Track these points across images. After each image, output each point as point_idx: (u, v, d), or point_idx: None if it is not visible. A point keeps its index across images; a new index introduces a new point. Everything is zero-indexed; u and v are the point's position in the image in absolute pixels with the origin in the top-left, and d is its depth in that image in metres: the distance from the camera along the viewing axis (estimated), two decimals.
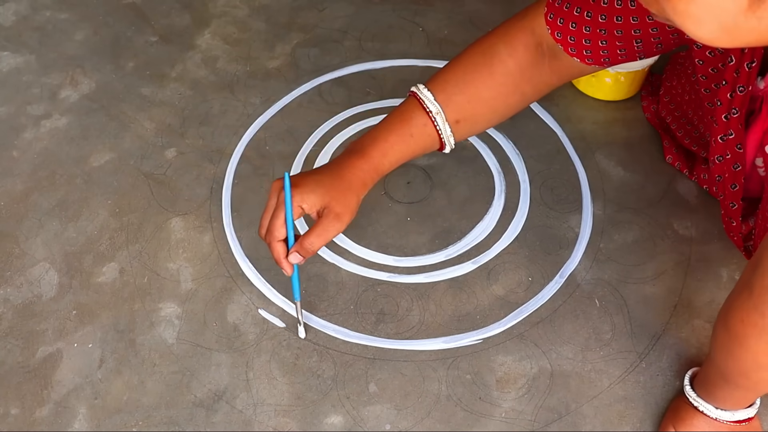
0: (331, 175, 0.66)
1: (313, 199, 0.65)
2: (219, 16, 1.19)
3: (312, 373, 0.78)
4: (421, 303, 0.83)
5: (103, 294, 0.84)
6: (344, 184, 0.66)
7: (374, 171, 0.68)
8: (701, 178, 0.91)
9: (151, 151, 0.99)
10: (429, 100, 0.69)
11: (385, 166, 0.69)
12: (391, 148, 0.69)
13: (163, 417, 0.75)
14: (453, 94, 0.69)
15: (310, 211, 0.66)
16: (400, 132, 0.69)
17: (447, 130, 0.69)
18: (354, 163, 0.67)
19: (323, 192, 0.65)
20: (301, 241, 0.66)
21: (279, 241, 0.66)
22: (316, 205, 0.65)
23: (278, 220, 0.65)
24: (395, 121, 0.70)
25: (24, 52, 1.14)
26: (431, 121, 0.69)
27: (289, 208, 0.64)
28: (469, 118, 0.70)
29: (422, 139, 0.70)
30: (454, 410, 0.75)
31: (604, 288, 0.84)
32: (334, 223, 0.65)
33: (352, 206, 0.66)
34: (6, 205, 0.94)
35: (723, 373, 0.63)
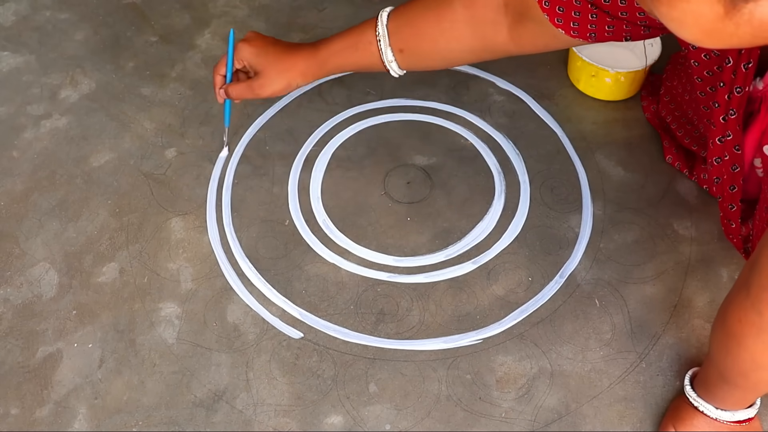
0: (279, 52, 0.77)
1: (250, 60, 0.77)
2: (219, 16, 1.19)
3: (312, 373, 0.78)
4: (421, 303, 0.83)
5: (103, 294, 0.84)
6: (283, 66, 0.76)
7: (317, 66, 0.77)
8: (701, 178, 0.91)
9: (151, 151, 0.99)
10: (382, 23, 0.75)
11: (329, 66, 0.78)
12: (337, 54, 0.77)
13: (163, 417, 0.75)
14: (402, 25, 0.74)
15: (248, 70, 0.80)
16: (348, 42, 0.77)
17: (389, 55, 0.75)
18: (302, 53, 0.77)
19: (262, 61, 0.76)
20: (228, 85, 0.81)
21: (220, 74, 0.82)
22: (252, 68, 0.78)
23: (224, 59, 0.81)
24: (351, 32, 0.77)
25: (24, 52, 1.14)
26: (376, 41, 0.75)
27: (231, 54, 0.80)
28: (413, 51, 0.75)
29: (365, 55, 0.76)
30: (454, 410, 0.75)
31: (604, 288, 0.84)
32: (254, 89, 0.77)
33: (276, 86, 0.77)
34: (6, 205, 0.94)
35: (722, 373, 0.63)
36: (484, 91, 1.06)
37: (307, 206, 0.93)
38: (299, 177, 0.96)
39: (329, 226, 0.90)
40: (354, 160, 0.98)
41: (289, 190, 0.94)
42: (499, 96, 1.05)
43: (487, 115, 1.03)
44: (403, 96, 1.05)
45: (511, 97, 1.05)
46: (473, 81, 1.07)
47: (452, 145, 0.99)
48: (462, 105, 1.04)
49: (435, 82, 1.07)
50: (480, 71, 1.08)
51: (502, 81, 1.07)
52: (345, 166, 0.97)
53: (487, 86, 1.07)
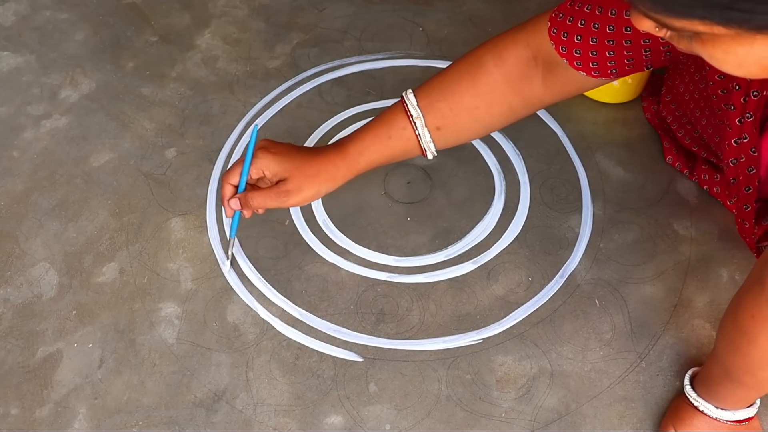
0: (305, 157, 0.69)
1: (276, 170, 0.68)
2: (219, 16, 1.19)
3: (312, 373, 0.78)
4: (421, 303, 0.83)
5: (103, 294, 0.84)
6: (311, 171, 0.69)
7: (347, 168, 0.70)
8: (701, 178, 0.91)
9: (151, 151, 0.99)
10: (411, 104, 0.70)
11: (360, 164, 0.71)
12: (368, 148, 0.70)
13: (163, 417, 0.75)
14: (436, 101, 0.70)
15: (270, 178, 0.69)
16: (379, 133, 0.71)
17: (426, 136, 0.70)
18: (329, 156, 0.70)
19: (288, 167, 0.68)
20: (245, 193, 0.70)
21: (230, 184, 0.71)
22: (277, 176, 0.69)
23: (238, 168, 0.70)
24: (378, 123, 0.72)
25: (24, 52, 1.14)
26: (411, 125, 0.70)
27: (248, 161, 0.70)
28: (451, 126, 0.71)
29: (401, 142, 0.71)
30: (454, 410, 0.75)
31: (604, 288, 0.84)
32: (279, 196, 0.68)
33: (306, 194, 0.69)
34: (6, 205, 0.94)
35: (728, 371, 0.63)
36: None
37: (307, 206, 0.93)
38: None
39: (329, 226, 0.90)
40: None
41: None
42: None
43: None
44: None
45: None
46: None
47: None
48: None
49: None
50: None
51: None
52: None
53: None
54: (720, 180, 0.89)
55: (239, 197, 0.71)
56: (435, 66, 1.09)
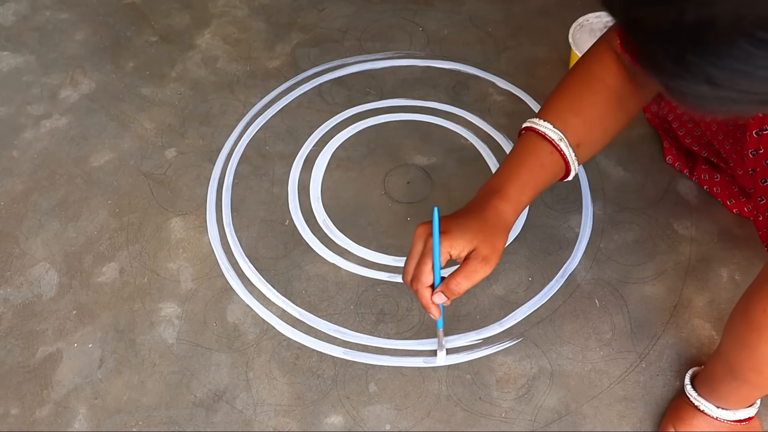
0: (476, 219, 0.66)
1: (462, 244, 0.64)
2: (219, 16, 1.19)
3: (312, 373, 0.78)
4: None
5: (103, 294, 0.84)
6: (490, 228, 0.65)
7: (514, 210, 0.68)
8: (701, 178, 0.91)
9: (151, 151, 0.99)
10: (550, 129, 0.69)
11: (524, 202, 0.69)
12: (527, 184, 0.69)
13: (163, 417, 0.75)
14: (568, 119, 0.69)
15: (458, 256, 0.65)
16: (531, 165, 0.69)
17: (572, 155, 0.70)
18: (495, 205, 0.67)
19: (471, 236, 0.64)
20: (447, 282, 0.65)
21: (426, 287, 0.66)
22: (465, 250, 0.64)
23: (426, 267, 0.64)
24: (522, 157, 0.70)
25: (24, 52, 1.14)
26: (556, 148, 0.69)
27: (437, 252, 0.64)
28: (587, 141, 0.71)
29: (552, 169, 0.70)
30: (454, 410, 0.75)
31: (604, 288, 0.84)
32: (482, 265, 0.64)
33: (499, 249, 0.65)
34: (6, 205, 0.94)
35: (733, 369, 0.63)
36: (484, 91, 1.06)
37: (307, 206, 0.93)
38: (299, 177, 0.96)
39: (329, 226, 0.90)
40: (354, 160, 0.98)
41: (289, 190, 0.94)
42: (499, 96, 1.05)
43: (487, 115, 1.03)
44: (403, 96, 1.05)
45: (511, 97, 1.05)
46: (473, 81, 1.07)
47: (452, 145, 0.99)
48: (462, 105, 1.04)
49: (435, 82, 1.07)
50: (480, 71, 1.09)
51: (502, 81, 1.07)
52: (345, 166, 0.97)
53: (487, 86, 1.07)
54: (720, 180, 0.89)
55: (441, 290, 0.65)
56: (435, 66, 1.09)
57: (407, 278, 0.67)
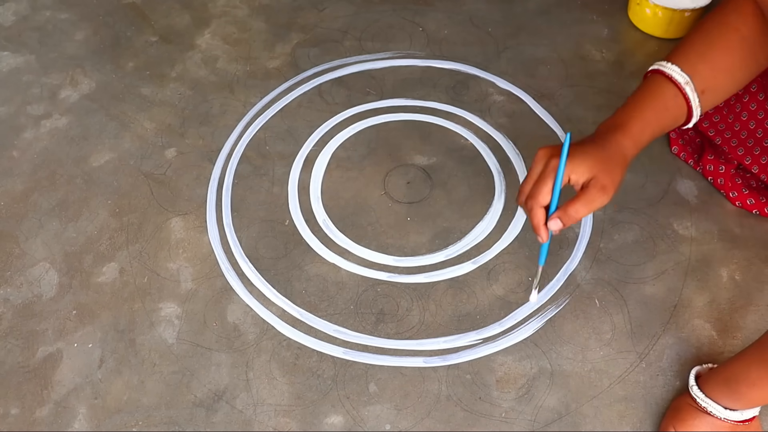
0: (597, 147, 0.67)
1: (582, 170, 0.65)
2: (219, 16, 1.19)
3: (312, 373, 0.78)
4: (421, 303, 0.83)
5: (103, 294, 0.84)
6: (610, 159, 0.66)
7: (634, 146, 0.69)
8: (707, 169, 0.92)
9: (151, 151, 0.99)
10: (677, 72, 0.70)
11: (644, 140, 0.70)
12: (649, 123, 0.70)
13: (163, 417, 0.75)
14: (697, 64, 0.70)
15: (577, 181, 0.66)
16: (654, 106, 0.70)
17: (696, 100, 0.70)
18: (617, 139, 0.68)
19: (592, 164, 0.65)
20: (565, 207, 0.65)
21: (542, 207, 0.66)
22: (584, 176, 0.65)
23: (546, 186, 0.65)
24: (647, 97, 0.70)
25: (24, 52, 1.14)
26: (681, 92, 0.70)
27: (561, 175, 0.65)
28: (713, 88, 0.71)
29: (675, 111, 0.70)
30: (454, 410, 0.75)
31: (604, 288, 0.84)
32: (601, 194, 0.65)
33: (617, 180, 0.66)
34: (6, 205, 0.94)
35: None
36: (484, 91, 1.06)
37: (307, 206, 0.93)
38: (299, 177, 0.96)
39: (329, 226, 0.90)
40: (354, 160, 0.98)
41: (289, 190, 0.95)
42: (499, 96, 1.05)
43: (487, 115, 1.03)
44: (403, 96, 1.05)
45: (511, 97, 1.05)
46: (473, 81, 1.07)
47: (452, 145, 0.99)
48: (462, 105, 1.04)
49: (435, 82, 1.07)
50: (480, 71, 1.09)
51: (502, 81, 1.07)
52: (345, 166, 0.97)
53: (487, 86, 1.07)
54: (725, 171, 0.90)
55: (558, 216, 0.65)
56: (435, 66, 1.09)
57: (522, 197, 0.67)
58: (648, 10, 1.10)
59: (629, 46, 1.12)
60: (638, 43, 1.13)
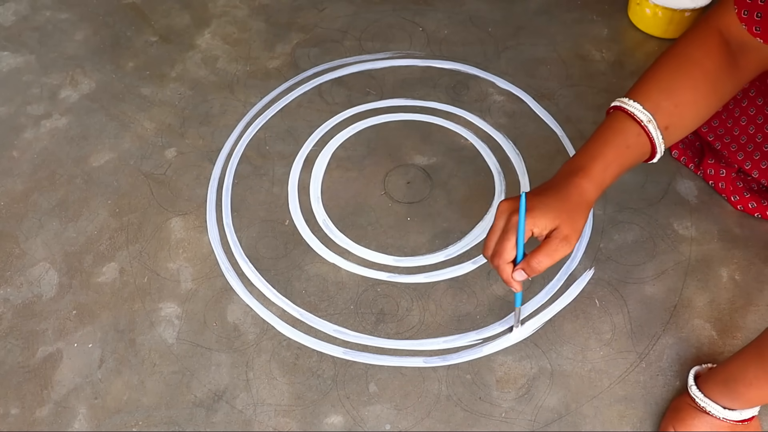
0: (559, 197, 0.67)
1: (545, 222, 0.65)
2: (219, 16, 1.19)
3: (312, 373, 0.78)
4: (421, 303, 0.83)
5: (103, 294, 0.85)
6: (572, 206, 0.66)
7: (596, 188, 0.68)
8: (707, 173, 0.92)
9: (151, 151, 0.99)
10: (638, 109, 0.68)
11: (607, 181, 0.69)
12: (611, 164, 0.68)
13: (163, 417, 0.75)
14: (660, 101, 0.69)
15: (540, 234, 0.66)
16: (616, 145, 0.68)
17: (659, 137, 0.69)
18: (578, 183, 0.67)
19: (554, 215, 0.65)
20: (528, 260, 0.66)
21: (508, 263, 0.67)
22: (546, 228, 0.65)
23: (509, 243, 0.66)
24: (608, 136, 0.69)
25: (24, 52, 1.14)
26: (644, 130, 0.69)
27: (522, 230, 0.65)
28: (677, 123, 0.70)
29: (637, 149, 0.69)
30: (454, 410, 0.75)
31: (604, 288, 0.84)
32: (563, 245, 0.65)
33: (580, 227, 0.66)
34: (6, 205, 0.94)
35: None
36: (484, 91, 1.06)
37: (307, 206, 0.93)
38: (299, 177, 0.96)
39: (329, 226, 0.90)
40: (354, 160, 0.98)
41: (289, 190, 0.95)
42: (499, 96, 1.05)
43: (487, 115, 1.03)
44: (403, 96, 1.05)
45: (511, 97, 1.05)
46: (473, 81, 1.07)
47: (452, 145, 0.99)
48: (462, 105, 1.04)
49: (435, 82, 1.07)
50: (480, 71, 1.09)
51: (502, 81, 1.07)
52: (345, 166, 0.97)
53: (487, 86, 1.07)
54: (726, 175, 0.90)
55: (521, 267, 0.67)
56: (435, 66, 1.09)
57: (488, 253, 0.68)
58: (648, 10, 1.10)
59: (629, 46, 1.12)
60: (638, 43, 1.13)
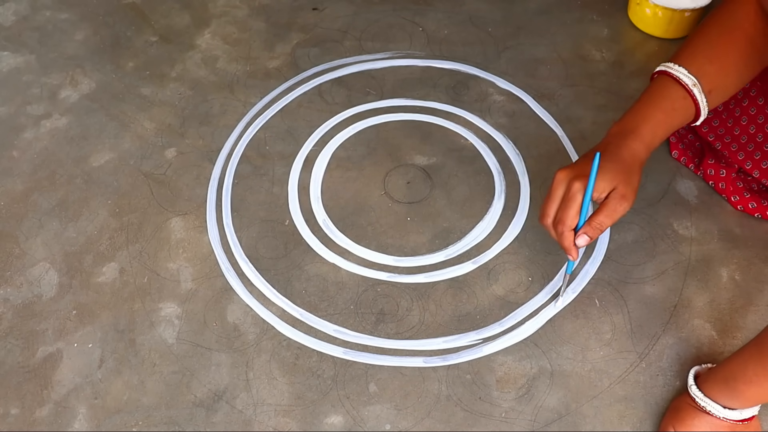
0: (612, 159, 0.70)
1: (603, 185, 0.69)
2: (219, 16, 1.19)
3: (312, 373, 0.78)
4: (421, 303, 0.83)
5: (103, 294, 0.85)
6: (626, 167, 0.70)
7: (647, 149, 0.71)
8: (707, 173, 0.92)
9: (151, 151, 0.99)
10: (683, 74, 0.71)
11: (655, 142, 0.72)
12: (659, 126, 0.72)
13: (163, 417, 0.75)
14: (704, 65, 0.71)
15: (599, 197, 0.69)
16: (663, 108, 0.72)
17: (704, 101, 0.72)
18: (629, 145, 0.70)
19: (611, 178, 0.69)
20: (589, 222, 0.69)
21: (571, 230, 0.70)
22: (605, 190, 0.69)
23: (572, 210, 0.69)
24: (656, 99, 0.72)
25: (24, 52, 1.14)
26: (689, 93, 0.71)
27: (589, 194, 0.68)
28: (720, 87, 0.73)
29: (683, 112, 0.72)
30: (454, 410, 0.75)
31: (604, 288, 0.84)
32: (622, 203, 0.69)
33: (635, 186, 0.70)
34: (6, 205, 0.94)
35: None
36: (484, 91, 1.06)
37: (307, 206, 0.93)
38: (299, 177, 0.96)
39: (329, 226, 0.90)
40: (354, 160, 0.98)
41: (289, 190, 0.95)
42: (499, 96, 1.05)
43: (487, 115, 1.03)
44: (403, 96, 1.05)
45: (511, 97, 1.05)
46: (473, 81, 1.07)
47: (452, 145, 0.99)
48: (462, 105, 1.04)
49: (435, 82, 1.07)
50: (480, 71, 1.09)
51: (502, 81, 1.07)
52: (345, 166, 0.97)
53: (487, 86, 1.07)
54: (726, 176, 0.90)
55: (584, 231, 0.69)
56: (435, 66, 1.09)
57: (547, 221, 0.71)
58: (648, 10, 1.10)
59: (629, 46, 1.12)
60: (638, 43, 1.13)
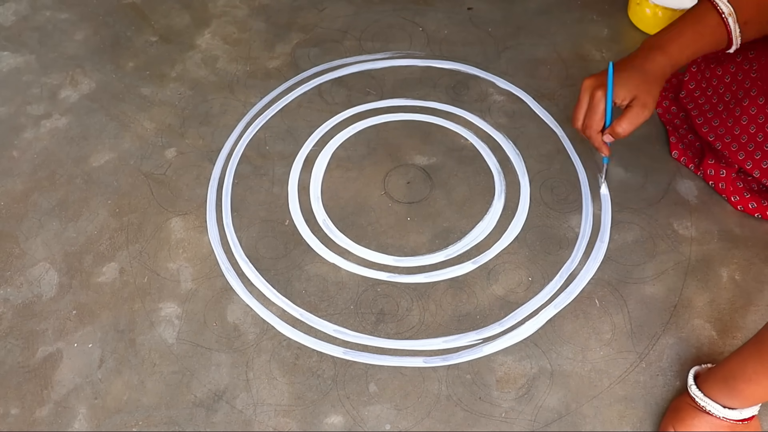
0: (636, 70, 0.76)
1: (625, 93, 0.76)
2: (219, 16, 1.19)
3: (312, 373, 0.78)
4: (421, 303, 0.83)
5: (103, 294, 0.85)
6: (649, 78, 0.76)
7: (672, 65, 0.77)
8: (707, 174, 0.92)
9: (151, 151, 0.99)
10: (722, 2, 0.76)
11: (682, 60, 0.77)
12: (688, 45, 0.77)
13: (163, 417, 0.75)
14: None
15: (621, 103, 0.77)
16: (695, 30, 0.77)
17: (737, 31, 0.77)
18: (654, 58, 0.77)
19: (633, 86, 0.76)
20: (613, 126, 0.77)
21: (598, 132, 0.79)
22: (626, 98, 0.76)
23: (597, 115, 0.78)
24: (690, 21, 0.78)
25: (24, 52, 1.14)
26: (723, 21, 0.76)
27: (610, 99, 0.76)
28: (755, 20, 0.77)
29: (714, 38, 0.77)
30: (454, 410, 0.75)
31: (604, 288, 0.84)
32: (643, 110, 0.76)
33: (656, 96, 0.76)
34: (6, 205, 0.94)
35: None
36: (484, 91, 1.06)
37: (307, 206, 0.93)
38: (299, 177, 0.96)
39: (329, 226, 0.90)
40: (354, 160, 0.98)
41: (289, 190, 0.95)
42: (499, 96, 1.05)
43: (487, 115, 1.03)
44: (403, 96, 1.05)
45: (511, 97, 1.05)
46: (473, 81, 1.07)
47: (452, 145, 0.99)
48: (462, 105, 1.04)
49: (435, 82, 1.07)
50: (480, 71, 1.09)
51: (502, 81, 1.07)
52: (345, 166, 0.97)
53: (487, 86, 1.07)
54: (726, 176, 0.90)
55: (608, 133, 0.78)
56: (435, 66, 1.09)
57: (578, 124, 0.80)
58: (648, 10, 1.10)
59: (629, 46, 1.12)
60: (638, 43, 1.12)
